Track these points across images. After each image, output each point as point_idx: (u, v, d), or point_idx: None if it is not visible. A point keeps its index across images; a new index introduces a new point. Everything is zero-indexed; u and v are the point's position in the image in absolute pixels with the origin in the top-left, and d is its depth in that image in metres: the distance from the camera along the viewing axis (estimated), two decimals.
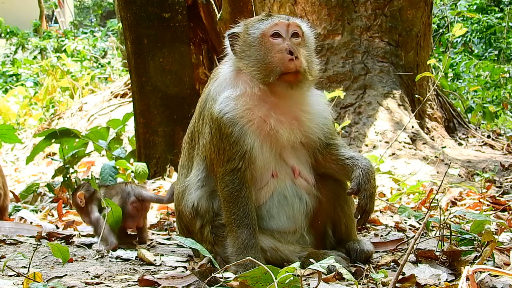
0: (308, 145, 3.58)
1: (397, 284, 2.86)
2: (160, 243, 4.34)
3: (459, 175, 7.11)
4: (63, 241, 4.26)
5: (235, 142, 3.38)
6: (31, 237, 4.39)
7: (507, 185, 6.89)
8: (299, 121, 3.52)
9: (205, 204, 3.55)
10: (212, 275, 2.97)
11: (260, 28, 3.43)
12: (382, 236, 4.42)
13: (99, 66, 19.50)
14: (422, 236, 3.90)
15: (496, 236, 3.57)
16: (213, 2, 7.59)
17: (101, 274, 3.35)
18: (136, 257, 3.76)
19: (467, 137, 9.30)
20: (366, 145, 7.65)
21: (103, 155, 8.81)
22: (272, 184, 3.50)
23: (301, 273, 2.62)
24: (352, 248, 3.62)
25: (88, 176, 7.22)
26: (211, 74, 3.76)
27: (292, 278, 2.62)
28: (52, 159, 7.90)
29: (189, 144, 3.75)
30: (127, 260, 3.72)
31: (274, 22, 3.42)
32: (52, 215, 5.51)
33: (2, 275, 3.29)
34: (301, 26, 3.47)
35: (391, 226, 4.81)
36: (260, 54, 3.39)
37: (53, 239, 4.34)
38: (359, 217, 3.44)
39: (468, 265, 3.14)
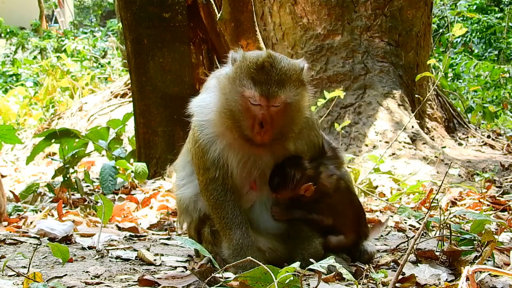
0: None
1: (397, 284, 2.86)
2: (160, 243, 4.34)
3: (459, 175, 7.11)
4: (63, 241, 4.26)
5: (205, 149, 3.38)
6: (32, 237, 4.39)
7: (507, 185, 6.89)
8: (262, 161, 3.42)
9: (187, 203, 3.61)
10: (212, 275, 2.97)
11: (244, 87, 3.19)
12: (382, 236, 4.42)
13: (99, 66, 19.48)
14: (422, 236, 3.90)
15: (496, 236, 3.56)
16: (213, 2, 7.58)
17: (101, 274, 3.35)
18: (136, 257, 3.76)
19: (467, 137, 9.30)
20: (366, 145, 7.65)
21: (103, 155, 8.82)
22: (252, 195, 3.50)
23: (301, 273, 2.62)
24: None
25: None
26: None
27: (292, 278, 2.62)
28: (52, 159, 7.91)
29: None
30: (127, 260, 3.72)
31: (257, 93, 3.15)
32: (52, 215, 5.50)
33: (2, 275, 3.29)
34: (285, 101, 3.18)
35: (391, 226, 4.81)
36: (236, 106, 3.22)
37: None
38: None
39: (468, 265, 3.14)
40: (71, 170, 6.72)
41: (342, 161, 3.68)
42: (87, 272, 3.38)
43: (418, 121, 8.29)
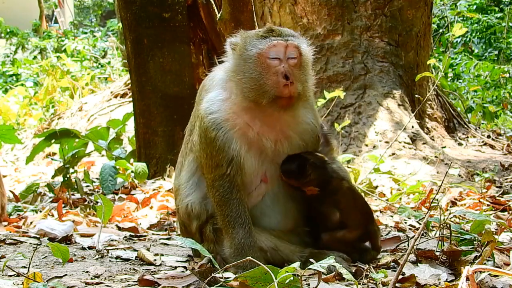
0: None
1: (397, 284, 2.86)
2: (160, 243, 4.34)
3: (459, 175, 7.11)
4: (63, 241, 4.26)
5: (221, 148, 3.37)
6: (32, 237, 4.39)
7: (507, 185, 6.89)
8: (285, 135, 3.47)
9: (198, 208, 3.58)
10: (212, 275, 2.97)
11: (258, 47, 3.32)
12: (382, 236, 4.42)
13: (99, 66, 19.48)
14: (422, 236, 3.90)
15: (496, 236, 3.57)
16: (213, 2, 7.59)
17: (101, 274, 3.35)
18: (136, 257, 3.76)
19: (467, 137, 9.30)
20: (366, 145, 7.65)
21: (103, 155, 8.83)
22: (263, 188, 3.50)
23: (301, 273, 2.62)
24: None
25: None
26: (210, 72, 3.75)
27: (292, 278, 2.62)
28: (52, 159, 7.92)
29: (188, 137, 3.76)
30: (127, 260, 3.72)
31: (273, 43, 3.31)
32: (52, 215, 5.50)
33: (2, 275, 3.29)
34: (299, 47, 3.38)
35: (391, 226, 4.81)
36: (255, 73, 3.30)
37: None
38: None
39: (468, 265, 3.14)
40: (71, 170, 6.72)
41: (332, 147, 3.71)
42: (87, 272, 3.39)
43: (418, 121, 8.29)
